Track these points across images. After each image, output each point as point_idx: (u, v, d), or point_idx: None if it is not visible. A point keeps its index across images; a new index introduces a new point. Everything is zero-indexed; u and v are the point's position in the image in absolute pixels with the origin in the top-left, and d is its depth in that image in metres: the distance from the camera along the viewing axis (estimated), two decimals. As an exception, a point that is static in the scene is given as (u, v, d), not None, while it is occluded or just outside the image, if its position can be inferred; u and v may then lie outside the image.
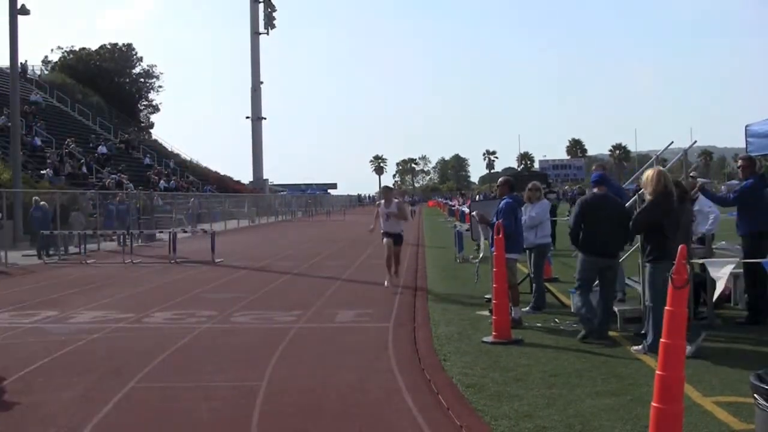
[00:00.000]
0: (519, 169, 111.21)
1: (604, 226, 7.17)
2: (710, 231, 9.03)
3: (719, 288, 6.35)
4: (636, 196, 8.48)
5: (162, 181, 42.01)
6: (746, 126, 8.68)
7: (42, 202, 19.46)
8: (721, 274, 6.01)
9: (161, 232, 23.83)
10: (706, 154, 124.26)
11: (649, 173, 6.73)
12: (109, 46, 73.68)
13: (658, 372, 3.70)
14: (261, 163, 65.42)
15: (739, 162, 8.58)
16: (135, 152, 48.69)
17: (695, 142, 11.67)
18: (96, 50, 72.42)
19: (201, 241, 22.72)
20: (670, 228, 6.56)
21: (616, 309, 7.73)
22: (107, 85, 67.42)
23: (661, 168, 6.95)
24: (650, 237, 6.74)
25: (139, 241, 22.77)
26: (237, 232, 32.99)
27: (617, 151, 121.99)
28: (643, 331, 7.24)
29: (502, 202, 8.39)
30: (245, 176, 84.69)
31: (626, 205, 7.86)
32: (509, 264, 7.98)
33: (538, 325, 8.19)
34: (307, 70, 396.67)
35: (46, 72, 63.02)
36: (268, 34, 66.51)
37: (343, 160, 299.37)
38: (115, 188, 31.63)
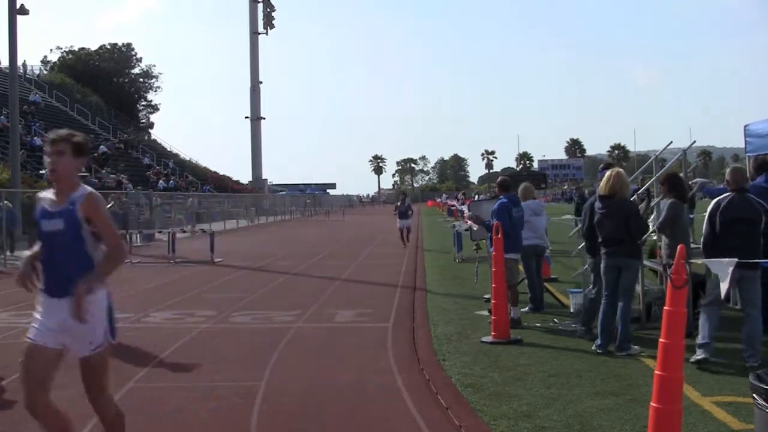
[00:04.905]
0: (518, 169, 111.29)
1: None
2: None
3: (723, 287, 6.32)
4: (636, 196, 8.48)
5: (161, 181, 42.00)
6: (745, 126, 8.70)
7: (8, 204, 19.35)
8: (723, 270, 5.97)
9: (160, 232, 23.83)
10: (705, 154, 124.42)
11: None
12: (108, 46, 73.82)
13: (657, 372, 3.71)
14: (260, 163, 65.39)
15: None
16: (134, 152, 48.69)
17: (694, 142, 11.67)
18: (95, 50, 72.56)
19: (200, 241, 22.73)
20: None
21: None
22: (106, 85, 67.49)
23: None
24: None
25: (138, 241, 22.76)
26: (236, 232, 32.98)
27: (616, 151, 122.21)
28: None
29: (497, 203, 8.41)
30: (244, 176, 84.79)
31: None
32: (508, 264, 7.98)
33: (537, 325, 8.20)
34: (306, 69, 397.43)
35: (45, 72, 62.99)
36: (267, 34, 66.46)
37: (343, 160, 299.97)
38: (115, 188, 31.61)
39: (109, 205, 9.28)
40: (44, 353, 3.68)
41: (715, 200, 6.45)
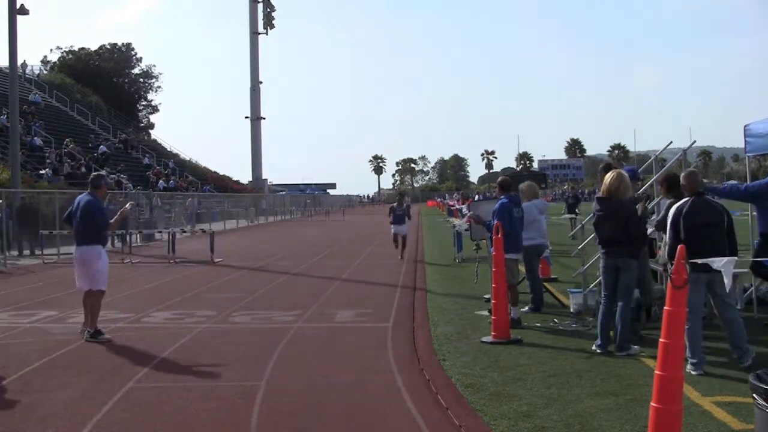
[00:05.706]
0: (518, 169, 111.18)
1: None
2: None
3: (727, 283, 6.28)
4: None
5: (161, 181, 41.99)
6: (745, 126, 8.68)
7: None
8: (726, 267, 5.93)
9: (160, 232, 23.83)
10: (705, 154, 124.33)
11: None
12: (108, 46, 73.76)
13: (657, 372, 3.71)
14: (260, 163, 65.35)
15: None
16: (134, 152, 48.67)
17: (694, 142, 11.67)
18: (95, 50, 72.50)
19: (200, 241, 22.74)
20: None
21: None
22: (106, 85, 67.43)
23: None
24: None
25: (138, 241, 22.76)
26: (236, 232, 32.98)
27: (616, 151, 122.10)
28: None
29: (498, 203, 8.41)
30: (244, 176, 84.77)
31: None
32: (508, 264, 7.98)
33: (537, 325, 8.19)
34: (306, 70, 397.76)
35: (45, 72, 62.95)
36: (267, 33, 66.37)
37: (343, 160, 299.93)
38: (114, 188, 31.60)
39: (127, 206, 9.34)
40: None
41: (675, 206, 6.38)
